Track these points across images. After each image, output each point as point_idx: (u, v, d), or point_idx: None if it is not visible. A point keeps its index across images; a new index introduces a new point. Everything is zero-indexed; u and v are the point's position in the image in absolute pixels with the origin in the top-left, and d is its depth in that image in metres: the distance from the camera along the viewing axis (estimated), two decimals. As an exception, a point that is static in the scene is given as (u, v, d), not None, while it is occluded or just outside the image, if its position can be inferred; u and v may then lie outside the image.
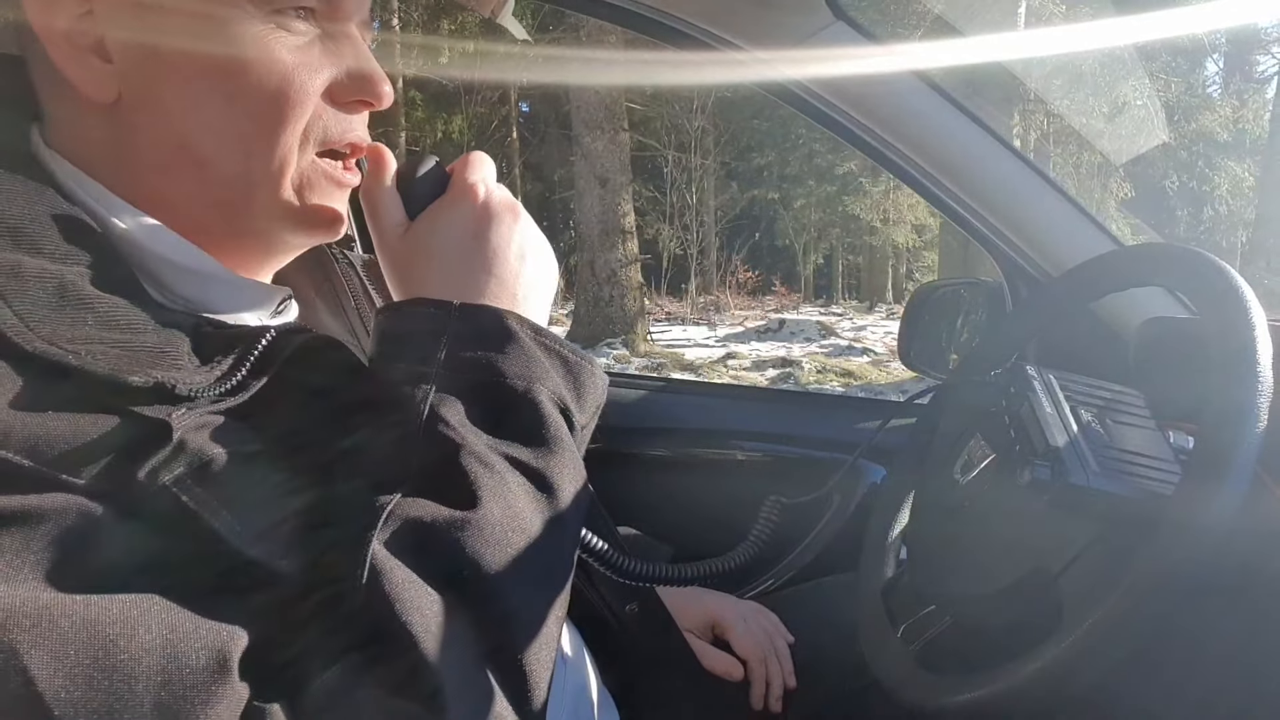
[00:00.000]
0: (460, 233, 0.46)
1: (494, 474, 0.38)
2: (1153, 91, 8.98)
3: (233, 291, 0.48)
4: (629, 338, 7.63)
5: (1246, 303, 0.49)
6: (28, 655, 0.27)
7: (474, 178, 0.48)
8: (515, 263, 0.47)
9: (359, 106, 0.48)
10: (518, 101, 13.44)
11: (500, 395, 0.41)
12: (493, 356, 0.42)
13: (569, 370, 0.45)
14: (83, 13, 0.42)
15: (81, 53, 0.42)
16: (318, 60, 0.45)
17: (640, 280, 8.15)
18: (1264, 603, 0.51)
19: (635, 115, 10.86)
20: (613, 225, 7.70)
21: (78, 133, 0.44)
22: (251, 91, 0.43)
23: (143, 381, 0.34)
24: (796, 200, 13.72)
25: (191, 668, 0.30)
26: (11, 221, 0.37)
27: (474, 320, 0.43)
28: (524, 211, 0.49)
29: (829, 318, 10.68)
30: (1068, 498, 0.51)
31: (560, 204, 14.87)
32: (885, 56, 0.84)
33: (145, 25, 0.42)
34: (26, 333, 0.34)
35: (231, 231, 0.47)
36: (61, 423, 0.32)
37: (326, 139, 0.47)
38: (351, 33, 0.48)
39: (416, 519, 0.36)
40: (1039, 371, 0.62)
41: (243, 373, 0.38)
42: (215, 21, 0.42)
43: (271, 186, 0.46)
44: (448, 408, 0.39)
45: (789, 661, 0.80)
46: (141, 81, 0.43)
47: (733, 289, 12.85)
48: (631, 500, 1.04)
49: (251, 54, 0.43)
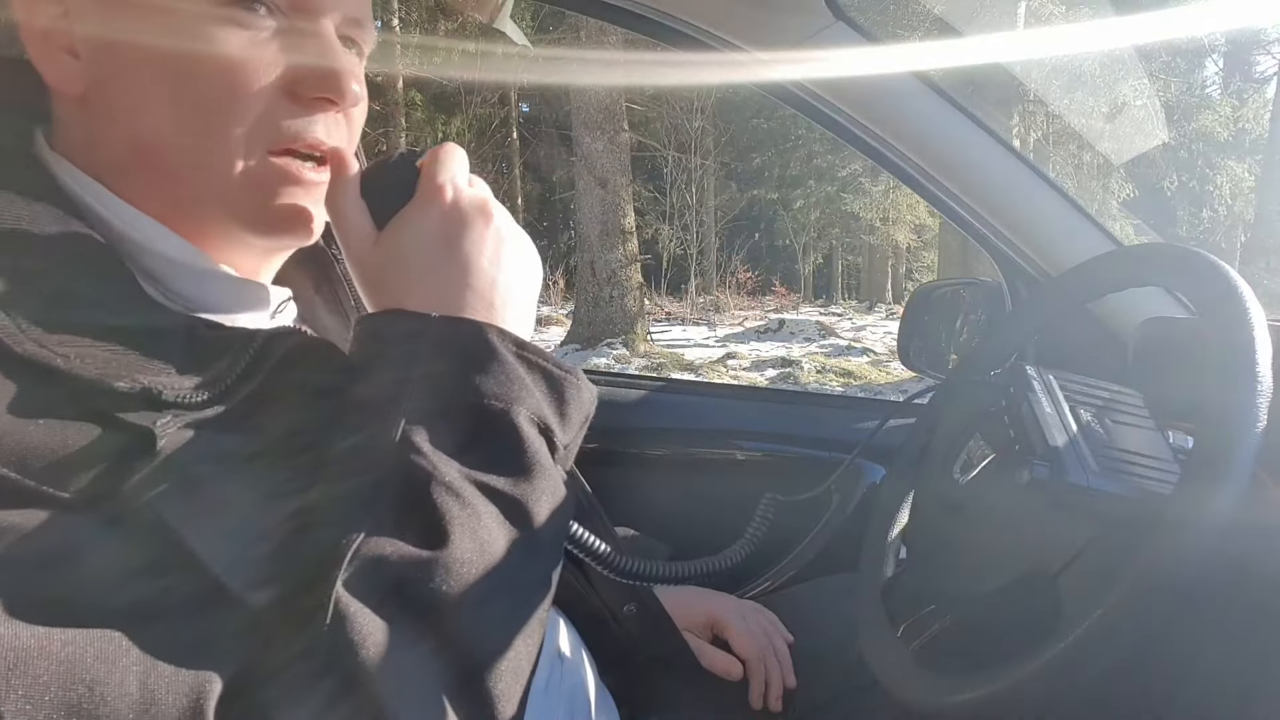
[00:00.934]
0: (429, 240, 0.43)
1: (466, 506, 0.37)
2: (1152, 91, 8.98)
3: (231, 290, 0.48)
4: (629, 338, 7.63)
5: (1246, 303, 0.49)
6: (3, 699, 0.27)
7: (442, 178, 0.45)
8: (490, 269, 0.44)
9: (322, 104, 0.46)
10: (518, 102, 13.44)
11: (477, 417, 0.39)
12: (470, 375, 0.40)
13: (552, 386, 0.43)
14: (59, 12, 0.43)
15: (55, 49, 0.43)
16: (273, 55, 0.44)
17: (640, 280, 8.15)
18: (1263, 602, 0.51)
19: (635, 116, 10.86)
20: (613, 225, 7.70)
21: (69, 132, 0.45)
22: (197, 86, 0.43)
23: (129, 387, 0.34)
24: (796, 200, 13.73)
25: (166, 715, 0.30)
26: (9, 222, 0.37)
27: (452, 334, 0.41)
28: (498, 209, 0.46)
29: (829, 318, 10.68)
30: (1067, 497, 0.51)
31: (560, 204, 14.88)
32: (885, 57, 0.84)
33: (106, 20, 0.42)
34: (18, 335, 0.34)
35: (207, 231, 0.46)
36: (49, 431, 0.32)
37: (279, 137, 0.45)
38: (322, 29, 0.46)
39: (382, 558, 0.34)
40: (1038, 371, 0.62)
41: (232, 378, 0.38)
42: (167, 15, 0.42)
43: (224, 185, 0.45)
44: (420, 434, 0.38)
45: (788, 661, 0.80)
46: (101, 76, 0.43)
47: (732, 289, 12.85)
48: (630, 500, 1.04)
49: (200, 48, 0.42)
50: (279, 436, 0.38)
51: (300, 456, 0.38)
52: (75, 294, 0.37)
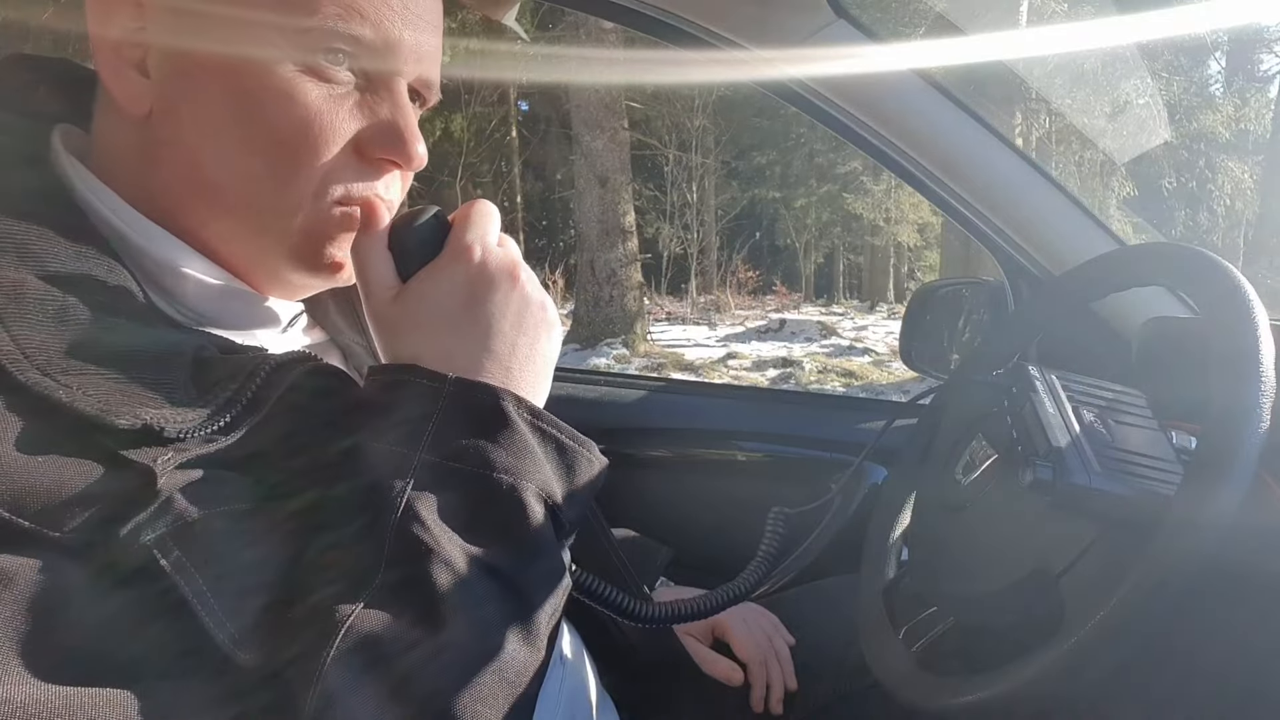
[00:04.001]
0: (454, 300, 0.43)
1: (464, 586, 0.36)
2: (1155, 90, 8.97)
3: (246, 307, 0.47)
4: (629, 338, 7.63)
5: (1249, 302, 0.49)
6: None
7: (471, 237, 0.45)
8: (511, 332, 0.43)
9: (386, 166, 0.47)
10: (517, 100, 13.44)
11: (485, 489, 0.39)
12: (482, 445, 0.39)
13: (563, 459, 0.42)
14: (136, 27, 0.42)
15: (125, 65, 0.42)
16: (348, 113, 0.44)
17: (640, 280, 8.14)
18: (1266, 603, 0.50)
19: (635, 114, 10.86)
20: (613, 225, 7.70)
21: (111, 139, 0.44)
22: (268, 133, 0.42)
23: (130, 424, 0.34)
24: (797, 199, 13.72)
25: None
26: (19, 237, 0.37)
27: (467, 399, 0.40)
28: (526, 273, 0.46)
29: (830, 318, 10.67)
30: (1070, 498, 0.51)
31: (560, 203, 14.88)
32: (887, 55, 0.84)
33: (186, 46, 0.42)
34: (22, 361, 0.33)
35: (242, 254, 0.46)
36: (47, 469, 0.32)
37: (343, 193, 0.45)
38: (396, 87, 0.46)
39: (374, 635, 0.34)
40: (1041, 371, 0.61)
41: (237, 409, 0.37)
42: (251, 55, 0.42)
43: (282, 229, 0.45)
44: (425, 504, 0.37)
45: (789, 663, 0.80)
46: (171, 99, 0.43)
47: (733, 289, 12.84)
48: (631, 501, 1.04)
49: (276, 96, 0.42)
50: (280, 480, 0.38)
51: (302, 503, 0.37)
52: (83, 314, 0.36)
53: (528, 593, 0.39)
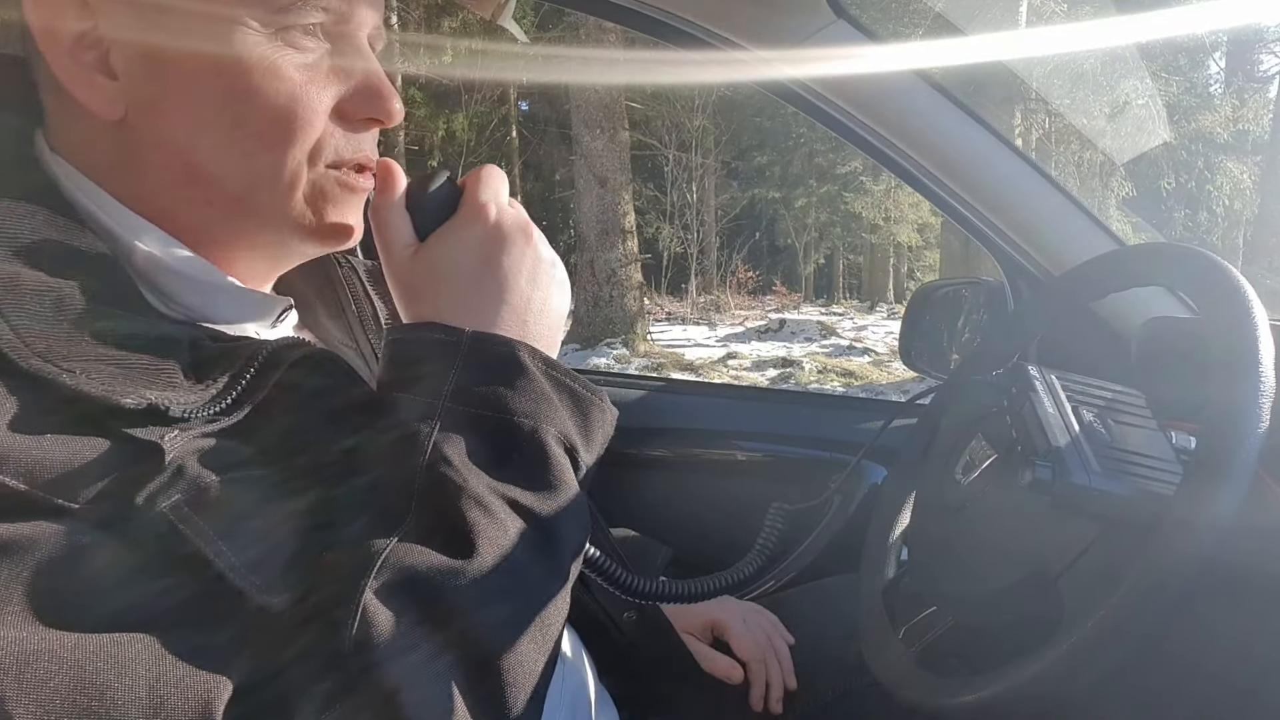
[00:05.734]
0: (471, 257, 0.45)
1: (493, 520, 0.38)
2: (1154, 90, 8.96)
3: (235, 301, 0.47)
4: (629, 338, 7.62)
5: (1248, 303, 0.49)
6: (13, 701, 0.27)
7: (485, 196, 0.47)
8: (526, 288, 0.46)
9: (369, 125, 0.47)
10: (517, 100, 13.43)
11: (507, 433, 0.40)
12: (502, 391, 0.41)
13: (578, 407, 0.44)
14: (87, 26, 0.41)
15: (87, 70, 0.41)
16: (325, 78, 0.44)
17: (640, 280, 8.14)
18: (1265, 603, 0.50)
19: (635, 114, 10.85)
20: (612, 225, 7.70)
21: (83, 140, 0.43)
22: (258, 112, 0.42)
23: (135, 403, 0.34)
24: (797, 200, 13.71)
25: (175, 718, 0.30)
26: (10, 231, 0.37)
27: (485, 350, 0.42)
28: (537, 232, 0.48)
29: (830, 318, 10.67)
30: (1069, 498, 0.51)
31: (560, 203, 14.87)
32: (887, 55, 0.84)
33: (149, 42, 0.41)
34: (22, 349, 0.33)
35: (240, 243, 0.47)
36: (57, 445, 0.32)
37: (338, 159, 0.46)
38: (361, 44, 0.46)
39: (411, 567, 0.35)
40: (1040, 371, 0.62)
41: (238, 390, 0.38)
42: (220, 40, 0.41)
43: (280, 202, 0.45)
44: (451, 446, 0.39)
45: (789, 662, 0.80)
46: (147, 99, 0.42)
47: (733, 289, 12.83)
48: (631, 501, 1.04)
49: (257, 74, 0.42)
50: (294, 444, 0.38)
51: (315, 471, 0.38)
52: (79, 304, 0.36)
53: (553, 530, 0.40)
